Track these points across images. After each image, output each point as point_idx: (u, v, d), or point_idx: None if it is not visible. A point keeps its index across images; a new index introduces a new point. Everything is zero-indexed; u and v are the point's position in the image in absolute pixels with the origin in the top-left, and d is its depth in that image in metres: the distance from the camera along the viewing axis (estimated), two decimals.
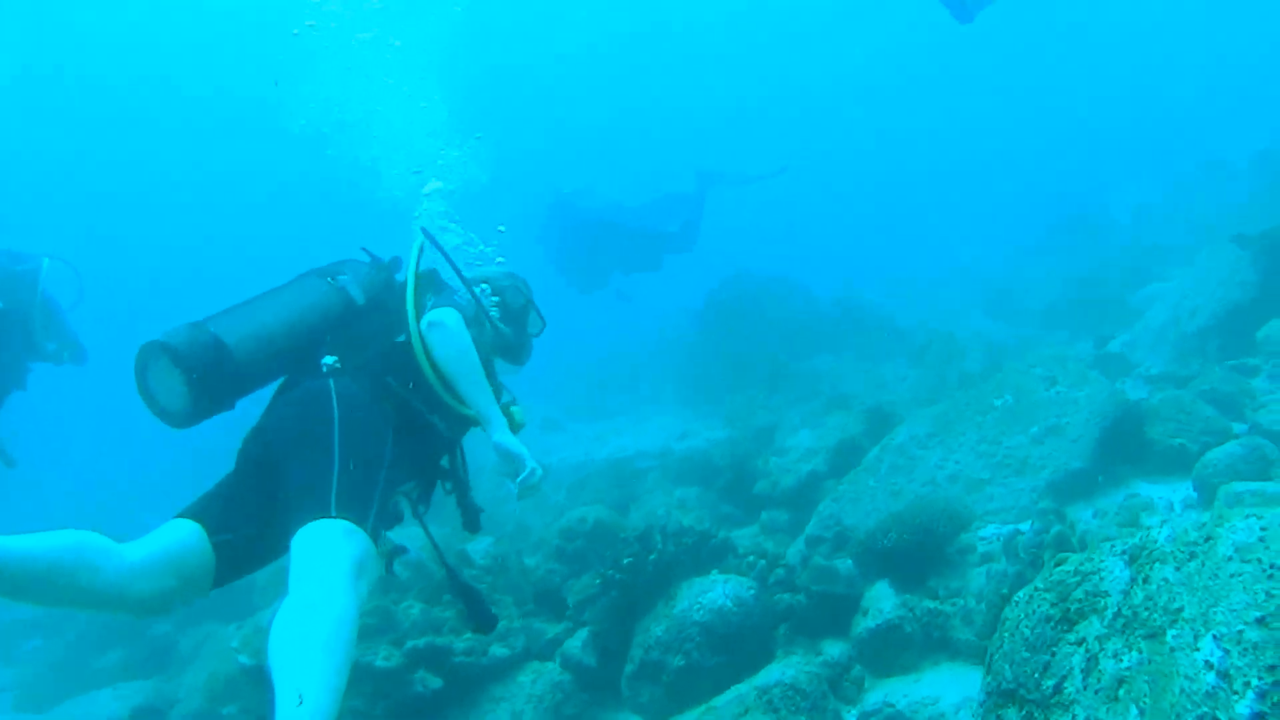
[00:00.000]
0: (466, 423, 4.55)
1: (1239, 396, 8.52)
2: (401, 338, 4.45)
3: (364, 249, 4.88)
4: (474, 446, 4.74)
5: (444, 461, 4.68)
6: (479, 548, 9.43)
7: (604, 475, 11.82)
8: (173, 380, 3.88)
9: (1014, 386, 8.84)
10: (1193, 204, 17.16)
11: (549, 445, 13.66)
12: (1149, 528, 3.76)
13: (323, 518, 3.56)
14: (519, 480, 4.38)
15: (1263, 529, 3.24)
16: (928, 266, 22.02)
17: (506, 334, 5.11)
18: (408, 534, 4.57)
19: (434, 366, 4.37)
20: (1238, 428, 8.00)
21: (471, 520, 4.63)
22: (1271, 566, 3.06)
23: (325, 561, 3.44)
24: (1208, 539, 3.36)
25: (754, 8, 42.49)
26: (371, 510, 3.74)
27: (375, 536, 3.71)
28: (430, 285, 4.82)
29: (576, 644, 7.85)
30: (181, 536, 3.81)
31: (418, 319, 4.44)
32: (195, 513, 3.93)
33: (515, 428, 4.60)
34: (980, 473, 8.22)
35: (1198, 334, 10.55)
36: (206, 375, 3.88)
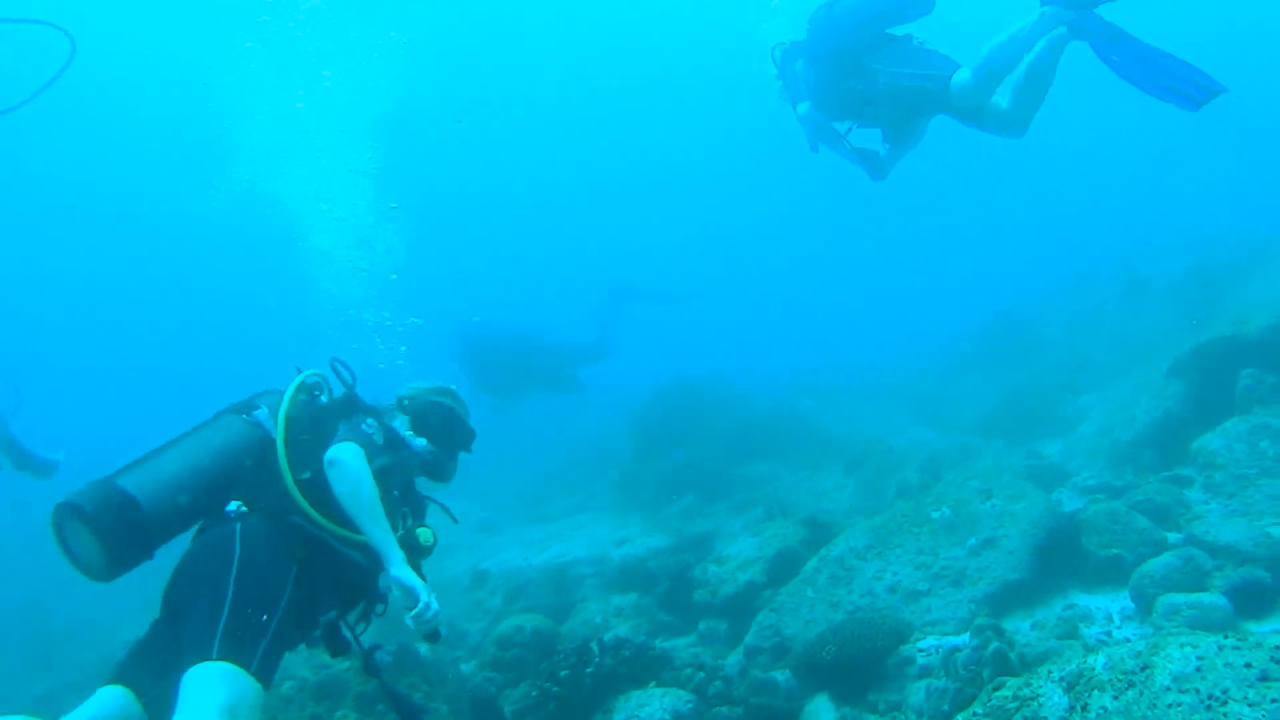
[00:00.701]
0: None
1: (1174, 507, 8.60)
2: (306, 474, 4.44)
3: (297, 368, 4.91)
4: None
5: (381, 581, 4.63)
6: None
7: (542, 581, 11.66)
8: (87, 539, 3.95)
9: (951, 499, 8.87)
10: (1122, 318, 17.48)
11: (487, 550, 13.52)
12: (1086, 653, 3.74)
13: (204, 660, 3.62)
14: (413, 615, 4.29)
15: (1199, 659, 3.24)
16: (863, 374, 22.18)
17: (424, 453, 5.09)
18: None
19: (324, 506, 4.36)
20: (1172, 538, 8.06)
21: (430, 633, 4.54)
22: (1210, 697, 3.06)
23: (198, 706, 3.50)
24: (1145, 668, 3.36)
25: (678, 112, 43.02)
26: (258, 651, 3.76)
27: (265, 675, 3.76)
28: (342, 411, 4.85)
29: None
30: (107, 702, 3.86)
31: (296, 463, 4.45)
32: (121, 674, 3.98)
33: (422, 551, 4.60)
34: (918, 584, 8.20)
35: (1131, 444, 10.69)
36: (119, 534, 3.96)
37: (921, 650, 7.29)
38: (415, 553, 4.48)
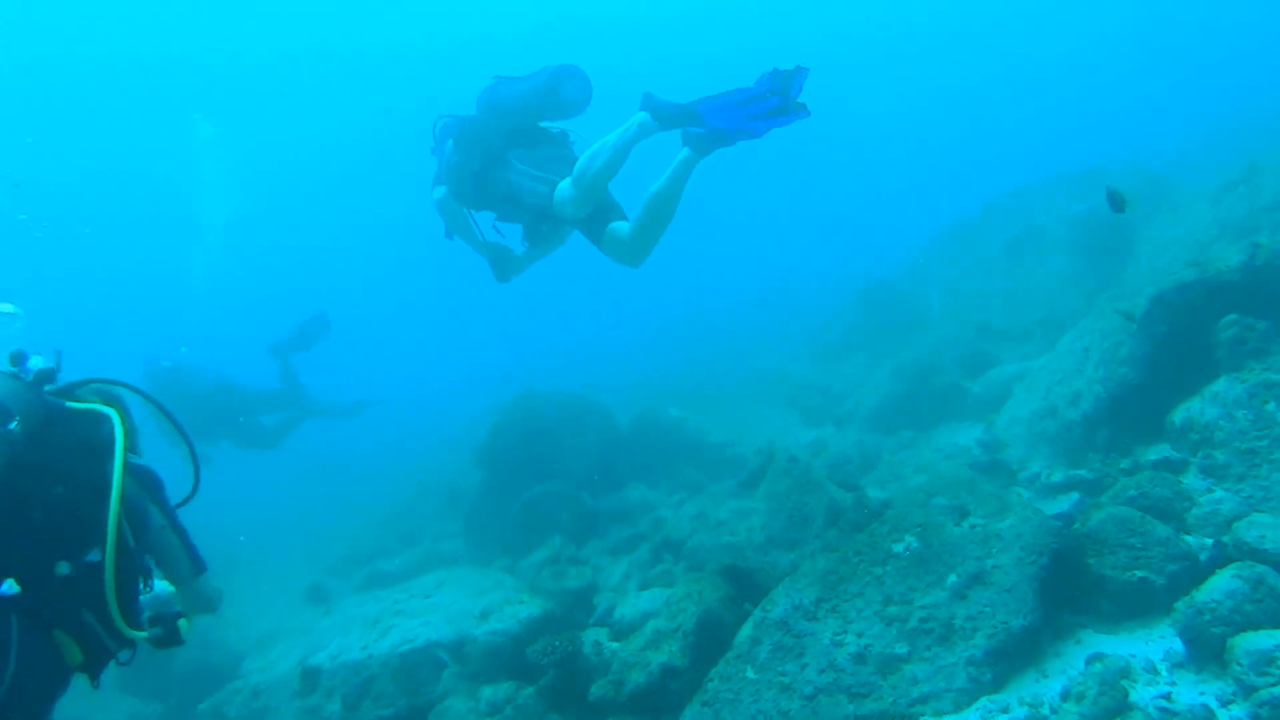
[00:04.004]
0: None
1: (1175, 501, 6.85)
2: (94, 557, 3.59)
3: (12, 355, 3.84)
4: None
5: None
6: None
7: (389, 676, 9.22)
8: None
9: (915, 524, 6.84)
10: (1013, 276, 16.00)
11: (318, 635, 10.93)
12: None
13: None
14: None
15: None
16: (731, 369, 20.32)
17: None
18: None
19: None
20: (1196, 543, 6.28)
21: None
22: None
23: None
24: None
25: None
26: None
27: None
28: (72, 422, 3.82)
29: None
30: None
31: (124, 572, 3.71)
32: None
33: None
34: (894, 646, 6.18)
35: (1083, 423, 8.93)
36: None
37: None
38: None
